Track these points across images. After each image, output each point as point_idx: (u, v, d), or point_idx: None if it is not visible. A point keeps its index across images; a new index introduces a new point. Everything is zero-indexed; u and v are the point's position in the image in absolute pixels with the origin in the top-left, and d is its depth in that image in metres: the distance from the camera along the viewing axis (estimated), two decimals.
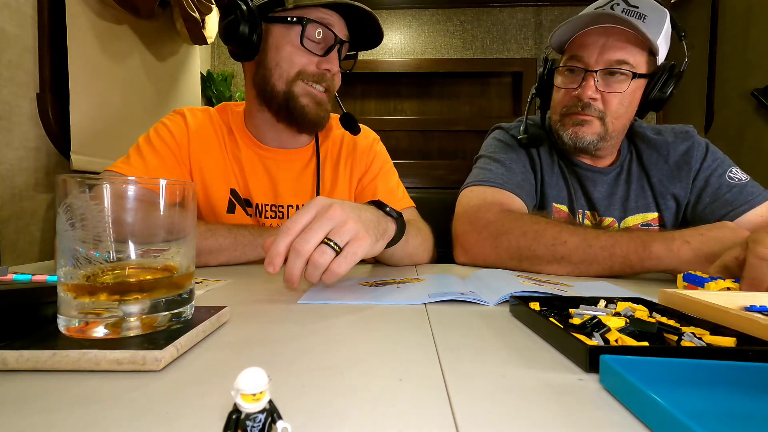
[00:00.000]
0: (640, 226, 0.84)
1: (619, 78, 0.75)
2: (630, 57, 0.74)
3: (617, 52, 0.73)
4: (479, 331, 0.35)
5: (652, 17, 0.72)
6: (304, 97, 0.75)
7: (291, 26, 0.71)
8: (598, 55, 0.74)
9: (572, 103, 0.78)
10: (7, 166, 0.99)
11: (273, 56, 0.73)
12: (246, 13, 0.70)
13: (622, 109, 0.77)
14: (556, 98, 0.82)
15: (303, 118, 0.76)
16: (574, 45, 0.78)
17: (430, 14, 2.25)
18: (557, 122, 0.82)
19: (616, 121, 0.78)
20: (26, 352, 0.25)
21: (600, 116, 0.77)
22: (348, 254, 0.45)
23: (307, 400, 0.22)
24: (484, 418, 0.20)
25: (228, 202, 0.80)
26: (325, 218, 0.44)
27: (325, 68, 0.74)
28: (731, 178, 0.80)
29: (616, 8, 0.73)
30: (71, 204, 0.28)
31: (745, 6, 1.68)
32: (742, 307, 0.38)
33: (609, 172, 0.86)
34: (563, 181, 0.87)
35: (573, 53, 0.77)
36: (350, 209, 0.47)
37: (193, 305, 0.33)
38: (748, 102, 1.63)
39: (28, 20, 1.04)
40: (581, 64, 0.76)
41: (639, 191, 0.85)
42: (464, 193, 0.83)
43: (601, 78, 0.75)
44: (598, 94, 0.76)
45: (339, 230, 0.44)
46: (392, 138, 2.28)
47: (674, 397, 0.21)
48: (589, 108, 0.76)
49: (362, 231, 0.46)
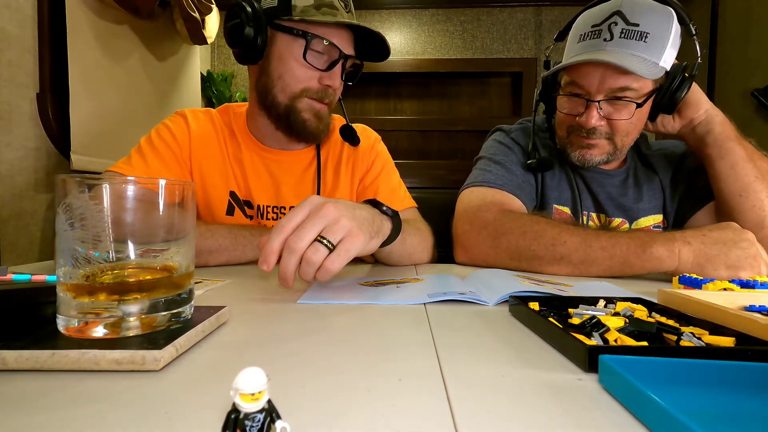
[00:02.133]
0: (653, 227, 0.84)
1: (623, 104, 0.72)
2: (633, 82, 0.70)
3: (618, 79, 0.70)
4: (479, 330, 0.35)
5: (655, 32, 0.68)
6: (306, 112, 0.75)
7: (295, 38, 0.71)
8: (599, 84, 0.71)
9: (577, 127, 0.77)
10: (7, 166, 0.99)
11: (276, 66, 0.73)
12: (252, 17, 0.70)
13: (630, 128, 0.75)
14: (560, 117, 0.81)
15: (303, 131, 0.76)
16: (574, 71, 0.74)
17: (430, 14, 2.25)
18: (564, 138, 0.81)
19: (625, 138, 0.77)
20: (26, 352, 0.25)
21: (608, 137, 0.76)
22: (341, 251, 0.45)
23: (306, 400, 0.22)
24: (483, 418, 0.20)
25: (227, 204, 0.80)
26: (318, 216, 0.45)
27: (326, 84, 0.74)
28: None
29: (614, 29, 0.69)
30: (71, 204, 0.28)
31: (745, 6, 1.68)
32: (741, 306, 0.38)
33: (617, 174, 0.85)
34: (566, 182, 0.86)
35: (573, 79, 0.74)
36: (343, 207, 0.47)
37: (193, 305, 0.33)
38: (748, 102, 1.63)
39: (28, 20, 1.04)
40: (582, 92, 0.74)
41: (650, 193, 0.84)
42: (464, 194, 0.83)
43: (604, 106, 0.72)
44: (603, 120, 0.74)
45: (332, 228, 0.45)
46: (392, 138, 2.28)
47: (673, 397, 0.21)
48: (595, 133, 0.75)
49: (355, 229, 0.46)
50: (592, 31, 0.72)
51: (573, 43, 0.77)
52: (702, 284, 0.47)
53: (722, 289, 0.45)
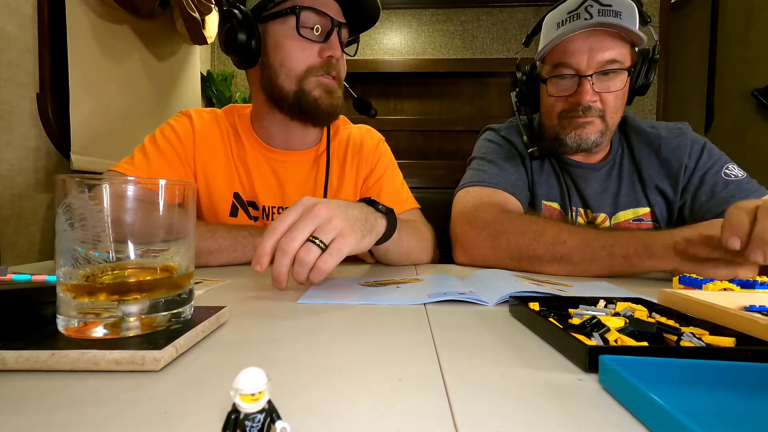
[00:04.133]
0: (632, 221, 0.84)
1: (612, 76, 0.76)
2: (618, 54, 0.75)
3: (605, 52, 0.74)
4: (478, 331, 0.35)
5: (626, 12, 0.73)
6: (316, 90, 0.74)
7: (285, 19, 0.71)
8: (589, 59, 0.74)
9: (571, 108, 0.78)
10: (7, 166, 0.99)
11: (275, 56, 0.73)
12: (241, 20, 0.70)
13: (618, 103, 0.79)
14: (549, 104, 0.82)
15: (316, 112, 0.75)
16: (558, 53, 0.77)
17: (430, 14, 2.25)
18: (555, 126, 0.82)
19: (614, 116, 0.79)
20: (25, 352, 0.25)
21: (600, 115, 0.78)
22: (333, 251, 0.45)
23: (306, 400, 0.22)
24: (483, 418, 0.20)
25: (231, 205, 0.80)
26: (310, 217, 0.45)
27: (328, 55, 0.73)
28: (727, 174, 0.79)
29: (590, 10, 0.73)
30: (70, 204, 0.27)
31: (745, 6, 1.68)
32: (741, 307, 0.38)
33: (601, 167, 0.86)
34: (555, 178, 0.87)
35: (560, 61, 0.77)
36: (335, 207, 0.47)
37: (193, 305, 0.33)
38: (748, 102, 1.64)
39: (28, 20, 1.04)
40: (572, 70, 0.76)
41: (630, 186, 0.85)
42: (460, 194, 0.83)
43: (596, 80, 0.76)
44: (597, 96, 0.77)
45: (324, 228, 0.45)
46: (392, 138, 2.26)
47: (673, 397, 0.21)
48: (590, 110, 0.77)
49: (347, 228, 0.47)
50: (570, 16, 0.75)
51: (550, 31, 0.79)
52: (702, 284, 0.47)
53: (722, 289, 0.45)
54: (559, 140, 0.81)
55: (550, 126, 0.83)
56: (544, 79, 0.81)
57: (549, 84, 0.81)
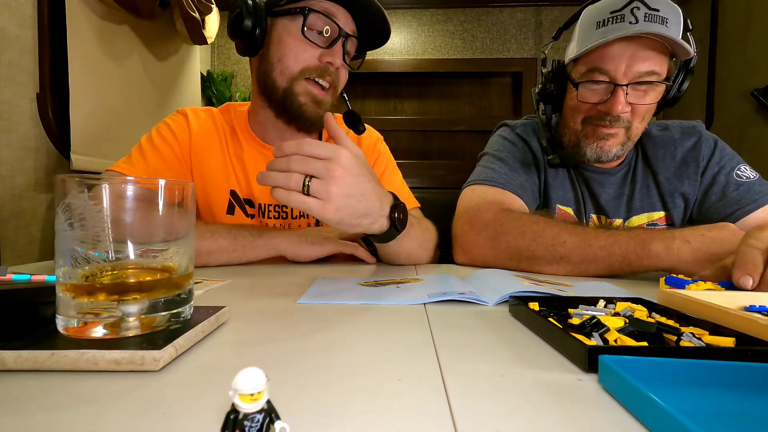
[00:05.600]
0: (646, 225, 0.83)
1: (647, 88, 0.72)
2: (657, 66, 0.70)
3: (645, 62, 0.70)
4: (478, 331, 0.35)
5: (672, 19, 0.68)
6: (303, 96, 0.74)
7: (294, 18, 0.71)
8: (627, 67, 0.70)
9: (598, 116, 0.75)
10: (7, 166, 0.99)
11: (275, 50, 0.73)
12: (251, 8, 0.70)
13: (647, 115, 0.76)
14: (575, 106, 0.78)
15: (300, 117, 0.75)
16: (595, 56, 0.72)
17: (430, 14, 2.25)
18: (578, 132, 0.79)
19: (639, 126, 0.76)
20: (25, 352, 0.25)
21: (627, 126, 0.75)
22: (301, 202, 0.49)
23: (305, 400, 0.22)
24: (482, 418, 0.20)
25: (227, 203, 0.80)
26: (329, 168, 0.48)
27: (327, 61, 0.73)
28: (739, 176, 0.78)
29: (637, 13, 0.68)
30: (70, 204, 0.27)
31: (745, 6, 1.68)
32: (741, 307, 0.38)
33: (616, 172, 0.84)
34: (569, 182, 0.85)
35: (596, 65, 0.72)
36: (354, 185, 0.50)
37: (192, 305, 0.33)
38: (748, 102, 1.64)
39: (28, 20, 1.04)
40: (607, 77, 0.72)
41: (644, 190, 0.83)
42: (466, 192, 0.83)
43: (630, 90, 0.71)
44: (629, 107, 0.73)
45: (323, 184, 0.48)
46: (392, 138, 2.28)
47: (673, 397, 0.21)
48: (618, 121, 0.74)
49: (335, 204, 0.49)
50: (613, 17, 0.70)
51: (589, 31, 0.73)
52: (686, 285, 0.47)
53: (706, 290, 0.45)
54: (578, 146, 0.79)
55: (573, 130, 0.80)
56: (575, 81, 0.76)
57: (581, 88, 0.75)
